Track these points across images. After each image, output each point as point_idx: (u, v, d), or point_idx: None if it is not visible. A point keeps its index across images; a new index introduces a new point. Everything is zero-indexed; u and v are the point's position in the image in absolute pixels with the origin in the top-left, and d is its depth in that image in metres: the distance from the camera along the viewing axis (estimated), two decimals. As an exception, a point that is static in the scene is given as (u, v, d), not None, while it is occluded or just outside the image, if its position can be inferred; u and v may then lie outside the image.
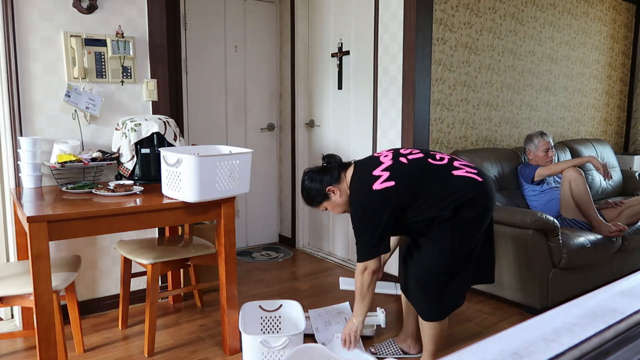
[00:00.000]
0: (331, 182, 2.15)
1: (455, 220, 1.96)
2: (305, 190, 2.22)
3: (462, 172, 2.00)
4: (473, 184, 1.98)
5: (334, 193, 2.15)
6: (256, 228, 4.28)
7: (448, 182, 1.97)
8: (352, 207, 2.10)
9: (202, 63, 3.80)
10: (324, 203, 2.20)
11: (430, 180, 1.98)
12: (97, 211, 1.95)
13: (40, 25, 2.52)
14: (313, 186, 2.19)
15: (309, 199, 2.22)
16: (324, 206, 2.21)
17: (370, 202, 2.00)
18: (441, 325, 2.10)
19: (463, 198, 1.94)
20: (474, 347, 0.52)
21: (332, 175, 2.16)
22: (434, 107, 3.22)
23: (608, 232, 2.97)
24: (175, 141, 2.58)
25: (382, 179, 1.99)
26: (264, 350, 2.07)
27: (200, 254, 2.48)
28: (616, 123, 4.97)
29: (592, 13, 4.39)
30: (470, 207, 1.96)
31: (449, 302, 2.06)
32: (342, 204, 2.17)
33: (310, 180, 2.19)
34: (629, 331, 0.58)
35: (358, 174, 2.11)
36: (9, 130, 2.49)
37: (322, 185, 2.16)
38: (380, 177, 2.00)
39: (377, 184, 1.99)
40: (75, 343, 2.35)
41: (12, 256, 2.61)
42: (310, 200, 2.23)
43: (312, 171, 2.22)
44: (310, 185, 2.20)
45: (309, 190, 2.20)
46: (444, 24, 3.21)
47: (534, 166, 3.32)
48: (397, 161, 2.04)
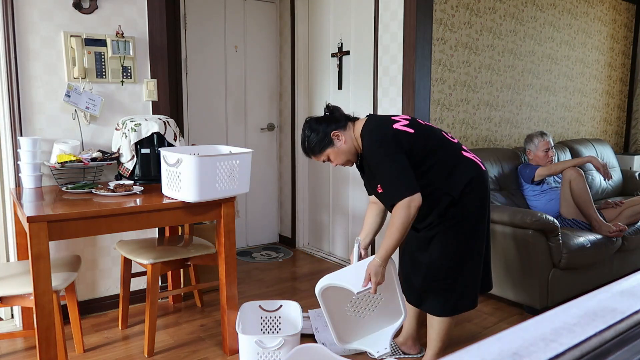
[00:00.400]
0: (337, 127, 2.04)
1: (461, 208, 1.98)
2: (306, 135, 2.08)
3: (470, 155, 2.07)
4: (479, 168, 2.05)
5: (338, 138, 2.04)
6: (256, 228, 4.28)
7: (458, 159, 2.02)
8: (369, 148, 1.97)
9: (202, 63, 3.80)
10: (327, 150, 2.06)
11: (443, 148, 2.01)
12: (97, 211, 1.95)
13: (40, 25, 2.52)
14: (317, 128, 2.06)
15: (311, 146, 2.08)
16: (326, 154, 2.07)
17: (388, 139, 1.92)
18: (450, 322, 2.11)
19: (468, 177, 1.98)
20: (474, 347, 0.52)
21: (338, 122, 2.06)
22: (434, 107, 3.22)
23: (608, 232, 2.97)
24: (175, 141, 2.58)
25: (402, 124, 1.97)
26: (259, 350, 2.07)
27: (200, 254, 2.48)
28: (616, 123, 4.97)
29: (592, 13, 4.39)
30: (472, 194, 1.99)
31: (459, 298, 2.06)
32: (346, 152, 2.05)
33: (316, 122, 2.08)
34: (629, 331, 0.58)
35: (373, 119, 2.05)
36: (9, 130, 2.49)
37: (327, 128, 2.04)
38: (399, 122, 1.99)
39: (397, 125, 1.96)
40: (75, 343, 2.35)
41: (12, 256, 2.61)
42: (312, 147, 2.08)
43: (315, 118, 2.12)
44: (314, 127, 2.07)
45: (312, 131, 2.06)
46: (444, 24, 3.21)
47: (534, 166, 3.32)
48: (416, 120, 2.05)
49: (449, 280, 2.04)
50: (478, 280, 2.10)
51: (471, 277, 2.06)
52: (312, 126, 2.07)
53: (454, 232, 2.00)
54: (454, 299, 2.06)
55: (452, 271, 2.03)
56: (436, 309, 2.09)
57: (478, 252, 2.07)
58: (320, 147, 2.06)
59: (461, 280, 2.04)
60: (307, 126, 2.10)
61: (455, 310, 2.09)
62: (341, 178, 3.78)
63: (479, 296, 2.16)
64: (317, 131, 2.05)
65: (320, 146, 2.06)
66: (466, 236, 2.02)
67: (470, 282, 2.07)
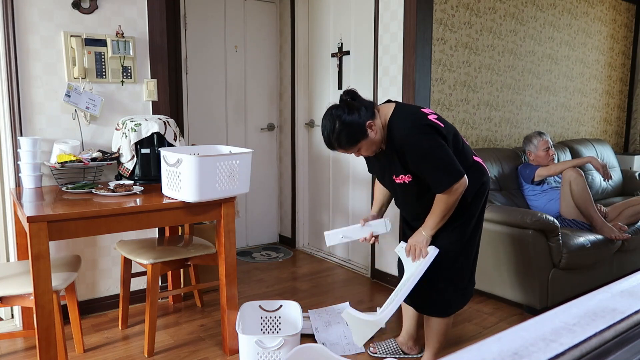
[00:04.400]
0: (368, 116, 1.88)
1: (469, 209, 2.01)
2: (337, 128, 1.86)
3: (478, 158, 2.08)
4: (487, 173, 2.07)
5: (372, 129, 1.88)
6: (256, 228, 4.28)
7: (472, 161, 2.02)
8: (407, 139, 1.86)
9: (202, 63, 3.80)
10: (360, 143, 1.88)
11: (464, 151, 2.00)
12: (97, 211, 1.95)
13: (40, 25, 2.52)
14: (349, 120, 1.84)
15: (344, 139, 1.87)
16: (358, 147, 1.91)
17: (427, 130, 1.86)
18: (447, 322, 2.12)
19: (480, 181, 2.01)
20: (474, 347, 0.52)
21: (368, 109, 1.89)
22: (434, 107, 3.22)
23: (611, 236, 2.96)
24: (175, 141, 2.58)
25: (433, 117, 1.92)
26: (259, 350, 2.07)
27: (200, 254, 2.48)
28: (616, 123, 4.97)
29: (592, 13, 4.39)
30: (480, 197, 2.03)
31: (455, 298, 2.08)
32: (377, 142, 1.91)
33: (348, 113, 1.85)
34: (629, 331, 0.58)
35: (403, 109, 1.94)
36: (9, 130, 2.49)
37: (361, 119, 1.85)
38: (430, 115, 1.92)
39: (431, 117, 1.91)
40: (75, 343, 2.35)
41: (12, 256, 2.61)
42: (344, 141, 1.88)
43: (343, 107, 1.89)
44: (346, 118, 1.85)
45: (348, 125, 1.85)
46: (444, 24, 3.21)
47: (534, 166, 3.32)
48: (441, 117, 1.99)
49: (447, 281, 2.05)
50: (472, 280, 2.15)
51: (466, 276, 2.10)
52: (344, 118, 1.86)
53: (458, 232, 2.01)
54: (450, 299, 2.08)
55: (449, 271, 2.03)
56: (434, 309, 2.10)
57: (475, 253, 2.10)
58: (355, 140, 1.88)
59: (457, 280, 2.06)
60: (335, 117, 1.88)
61: (451, 309, 2.10)
62: (341, 178, 3.78)
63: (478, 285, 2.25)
64: (350, 123, 1.85)
65: (355, 139, 1.88)
66: (467, 237, 2.03)
67: (465, 282, 2.10)
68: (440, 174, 1.85)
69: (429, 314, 2.12)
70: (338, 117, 1.87)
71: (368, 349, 2.36)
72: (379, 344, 2.38)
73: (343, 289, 3.24)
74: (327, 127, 1.91)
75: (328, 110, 1.93)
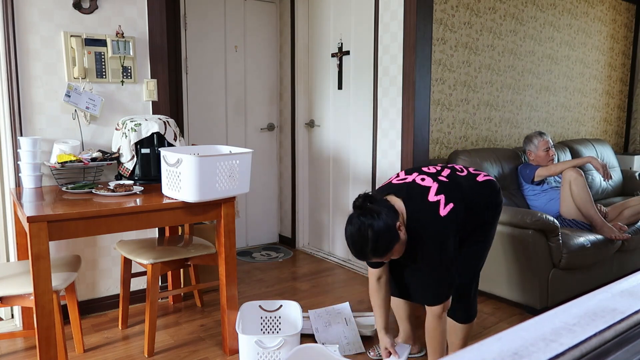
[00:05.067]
0: (395, 217, 1.78)
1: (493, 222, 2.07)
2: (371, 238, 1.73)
3: (481, 177, 2.06)
4: (494, 185, 2.08)
5: (400, 230, 1.79)
6: (256, 228, 4.28)
7: (480, 188, 2.02)
8: (425, 244, 1.83)
9: (202, 63, 3.80)
10: (395, 246, 1.78)
11: (471, 190, 1.98)
12: (97, 211, 1.95)
13: (40, 25, 2.52)
14: (383, 226, 1.72)
15: (382, 247, 1.75)
16: (392, 252, 1.80)
17: (443, 231, 1.82)
18: (472, 326, 2.17)
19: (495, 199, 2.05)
20: (474, 347, 0.52)
21: (390, 210, 1.78)
22: (434, 107, 3.22)
23: (611, 236, 2.96)
24: (175, 141, 2.58)
25: (442, 203, 1.83)
26: (259, 350, 2.07)
27: (200, 254, 2.48)
28: (616, 123, 4.97)
29: (592, 13, 4.39)
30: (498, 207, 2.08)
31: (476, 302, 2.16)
32: (405, 242, 1.83)
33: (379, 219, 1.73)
34: (629, 331, 0.58)
35: (414, 203, 1.85)
36: (9, 130, 2.49)
37: (392, 222, 1.75)
38: (439, 202, 1.83)
39: (442, 209, 1.82)
40: (75, 343, 2.35)
41: (12, 256, 2.61)
42: (382, 249, 1.76)
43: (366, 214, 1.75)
44: (379, 226, 1.72)
45: (381, 232, 1.72)
46: (444, 24, 3.21)
47: (534, 166, 3.32)
48: (441, 181, 1.91)
49: (473, 288, 2.12)
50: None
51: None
52: (376, 226, 1.72)
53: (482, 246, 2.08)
54: (474, 304, 2.14)
55: (476, 277, 2.11)
56: (463, 316, 2.12)
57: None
58: (391, 246, 1.77)
59: (476, 285, 2.13)
60: (366, 226, 1.73)
61: (475, 314, 2.16)
62: (341, 178, 3.78)
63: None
64: (383, 230, 1.73)
65: (391, 244, 1.77)
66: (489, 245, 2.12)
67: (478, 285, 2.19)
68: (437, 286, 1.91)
69: (461, 321, 2.13)
70: (370, 227, 1.73)
71: (368, 353, 2.36)
72: (379, 346, 2.37)
73: (343, 289, 3.24)
74: (358, 239, 1.76)
75: (353, 219, 1.78)
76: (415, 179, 1.94)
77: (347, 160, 3.71)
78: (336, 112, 3.81)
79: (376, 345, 2.39)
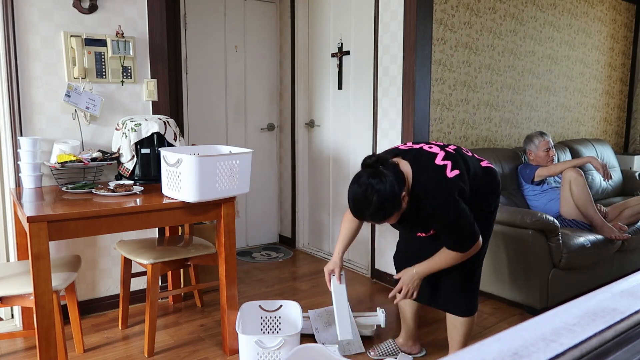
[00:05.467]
0: (402, 187, 1.78)
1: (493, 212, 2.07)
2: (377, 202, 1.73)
3: (485, 163, 2.06)
4: (496, 173, 2.07)
5: (404, 200, 1.80)
6: (256, 228, 4.28)
7: (483, 173, 2.01)
8: (433, 202, 1.82)
9: (202, 63, 3.80)
10: (394, 214, 1.80)
11: (474, 172, 1.97)
12: (97, 211, 1.95)
13: (40, 25, 2.52)
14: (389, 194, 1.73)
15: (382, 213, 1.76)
16: (390, 219, 1.83)
17: (452, 191, 1.81)
18: (473, 320, 2.16)
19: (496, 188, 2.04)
20: (474, 347, 0.52)
21: (398, 176, 1.77)
22: (434, 107, 3.22)
23: (611, 236, 2.96)
24: (175, 141, 2.58)
25: (449, 167, 1.83)
26: (259, 350, 2.07)
27: (200, 254, 2.48)
28: (616, 123, 4.97)
29: (592, 13, 4.39)
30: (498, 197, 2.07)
31: (477, 296, 2.15)
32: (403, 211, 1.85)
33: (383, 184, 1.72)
34: (629, 331, 0.58)
35: (421, 166, 1.85)
36: (9, 130, 2.49)
37: (398, 191, 1.75)
38: (446, 166, 1.83)
39: (449, 172, 1.82)
40: (75, 343, 2.35)
41: (12, 256, 2.61)
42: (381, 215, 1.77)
43: (374, 176, 1.75)
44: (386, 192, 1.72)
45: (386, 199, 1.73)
46: (444, 24, 3.20)
47: (534, 166, 3.32)
48: (448, 151, 1.91)
49: (477, 281, 2.12)
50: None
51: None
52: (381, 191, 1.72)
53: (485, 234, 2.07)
54: (475, 298, 2.13)
55: (478, 270, 2.11)
56: (464, 309, 2.11)
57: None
58: (390, 214, 1.79)
59: (477, 279, 2.13)
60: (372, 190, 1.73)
61: (476, 308, 2.14)
62: (341, 178, 3.78)
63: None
64: (388, 197, 1.73)
65: (391, 213, 1.78)
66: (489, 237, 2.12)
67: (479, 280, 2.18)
68: (461, 238, 1.90)
69: (462, 314, 2.12)
70: (376, 192, 1.72)
71: (368, 353, 2.36)
72: (379, 346, 2.37)
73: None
74: (361, 200, 1.76)
75: (361, 179, 1.77)
76: (422, 147, 1.96)
77: (347, 160, 3.71)
78: (336, 112, 3.81)
79: (376, 345, 2.39)
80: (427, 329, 2.62)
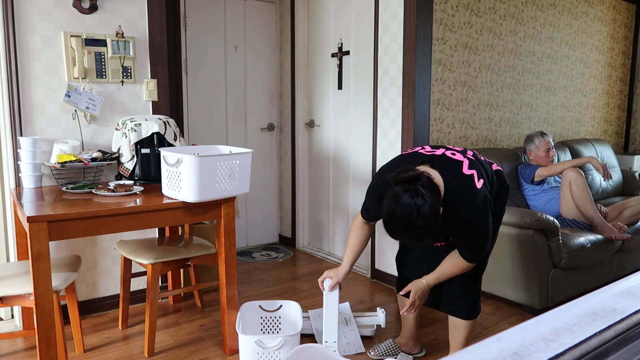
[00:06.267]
0: (440, 203, 1.68)
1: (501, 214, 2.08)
2: (420, 225, 1.61)
3: (495, 166, 2.06)
4: (505, 177, 2.07)
5: (440, 213, 1.70)
6: (256, 228, 4.28)
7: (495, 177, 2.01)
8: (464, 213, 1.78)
9: (202, 63, 3.80)
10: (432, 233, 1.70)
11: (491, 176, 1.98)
12: (97, 211, 1.95)
13: (40, 25, 2.52)
14: (432, 213, 1.61)
15: (423, 234, 1.64)
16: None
17: (483, 202, 1.79)
18: (476, 323, 2.16)
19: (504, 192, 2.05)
20: (474, 347, 0.52)
21: (436, 192, 1.67)
22: (434, 107, 3.22)
23: (611, 236, 2.96)
24: (175, 141, 2.58)
25: (476, 177, 1.81)
26: (259, 350, 2.07)
27: (200, 254, 2.48)
28: (616, 123, 4.97)
29: (592, 13, 4.39)
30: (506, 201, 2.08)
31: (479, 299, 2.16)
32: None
33: (427, 203, 1.60)
34: (629, 331, 0.58)
35: (451, 176, 1.80)
36: (9, 130, 2.49)
37: (437, 205, 1.65)
38: (473, 176, 1.81)
39: (477, 182, 1.80)
40: (75, 343, 2.35)
41: (12, 256, 2.61)
42: (422, 236, 1.64)
43: (417, 194, 1.60)
44: (429, 212, 1.60)
45: (429, 219, 1.61)
46: (444, 24, 3.20)
47: (534, 166, 3.32)
48: (470, 159, 1.89)
49: (478, 284, 2.12)
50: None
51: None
52: (425, 212, 1.60)
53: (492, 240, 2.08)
54: (478, 300, 2.13)
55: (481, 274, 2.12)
56: (467, 312, 2.11)
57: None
58: (433, 233, 1.67)
59: (480, 282, 2.14)
60: (415, 212, 1.59)
61: (479, 310, 2.15)
62: (341, 178, 3.78)
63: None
64: (431, 217, 1.61)
65: (433, 231, 1.66)
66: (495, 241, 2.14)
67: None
68: (480, 249, 1.91)
69: (466, 317, 2.11)
70: (421, 215, 1.59)
71: (368, 353, 2.36)
72: (379, 346, 2.37)
73: (343, 289, 3.24)
74: (404, 223, 1.62)
75: (402, 199, 1.61)
76: (445, 153, 1.90)
77: (347, 160, 3.71)
78: (336, 112, 3.81)
79: (376, 345, 2.39)
80: (427, 329, 2.62)
